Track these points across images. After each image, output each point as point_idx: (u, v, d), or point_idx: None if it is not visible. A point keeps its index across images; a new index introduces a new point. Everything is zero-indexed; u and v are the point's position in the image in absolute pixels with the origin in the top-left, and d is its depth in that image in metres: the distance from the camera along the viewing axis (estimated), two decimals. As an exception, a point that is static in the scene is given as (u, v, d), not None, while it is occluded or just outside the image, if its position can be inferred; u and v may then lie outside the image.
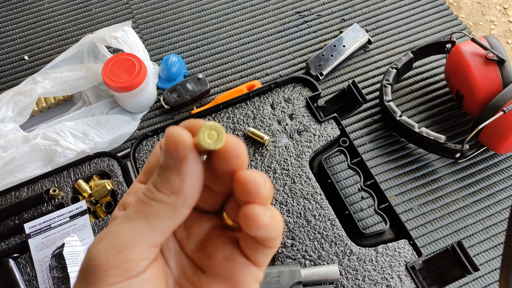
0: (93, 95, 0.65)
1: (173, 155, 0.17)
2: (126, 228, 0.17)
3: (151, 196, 0.17)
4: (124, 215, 0.17)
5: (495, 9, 0.83)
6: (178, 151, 0.17)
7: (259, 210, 0.17)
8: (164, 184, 0.17)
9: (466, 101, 0.60)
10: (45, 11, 0.76)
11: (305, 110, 0.57)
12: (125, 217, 0.17)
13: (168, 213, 0.17)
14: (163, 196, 0.17)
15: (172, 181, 0.17)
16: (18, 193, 0.52)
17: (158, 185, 0.17)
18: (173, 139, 0.17)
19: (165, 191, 0.17)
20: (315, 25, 0.74)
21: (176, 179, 0.17)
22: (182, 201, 0.17)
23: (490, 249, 0.56)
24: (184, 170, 0.17)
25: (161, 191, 0.17)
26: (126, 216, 0.17)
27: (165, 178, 0.17)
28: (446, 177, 0.61)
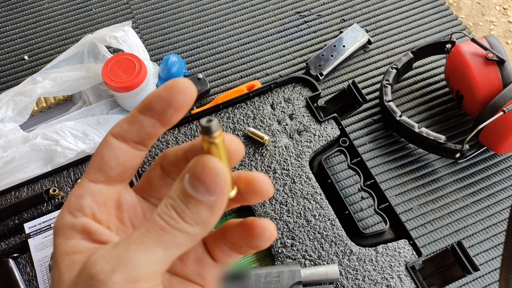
0: (93, 95, 0.65)
1: (211, 189, 0.16)
2: (145, 258, 0.16)
3: (174, 225, 0.16)
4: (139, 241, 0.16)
5: (495, 10, 0.83)
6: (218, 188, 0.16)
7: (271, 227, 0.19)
8: (192, 216, 0.16)
9: (466, 101, 0.60)
10: (45, 11, 0.76)
11: (305, 110, 0.57)
12: (142, 245, 0.16)
13: (187, 243, 0.17)
14: (187, 227, 0.16)
15: (203, 215, 0.16)
16: (18, 193, 0.52)
17: (185, 215, 0.16)
18: (213, 172, 0.16)
19: (191, 222, 0.16)
20: (315, 25, 0.74)
21: (207, 213, 0.16)
22: (204, 232, 0.17)
23: (490, 249, 0.56)
24: (218, 206, 0.17)
25: (187, 221, 0.16)
26: (142, 244, 0.16)
27: (195, 210, 0.16)
28: (446, 177, 0.61)
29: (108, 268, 0.15)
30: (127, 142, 0.19)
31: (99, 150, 0.19)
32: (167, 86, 0.18)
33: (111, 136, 0.19)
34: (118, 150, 0.19)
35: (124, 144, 0.19)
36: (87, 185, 0.19)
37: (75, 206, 0.18)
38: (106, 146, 0.19)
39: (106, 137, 0.19)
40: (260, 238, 0.19)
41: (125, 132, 0.19)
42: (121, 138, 0.19)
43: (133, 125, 0.19)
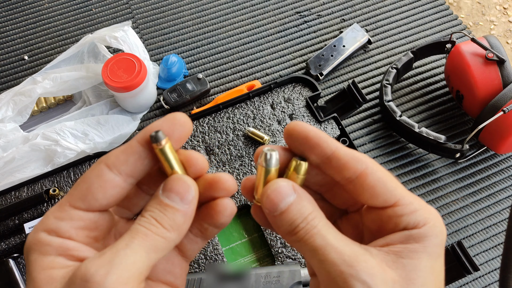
0: (93, 95, 0.65)
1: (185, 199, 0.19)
2: (132, 260, 0.17)
3: (155, 231, 0.19)
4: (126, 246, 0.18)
5: (495, 9, 0.83)
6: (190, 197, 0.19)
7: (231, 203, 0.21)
8: (169, 221, 0.19)
9: (466, 101, 0.60)
10: (45, 11, 0.76)
11: (305, 110, 0.57)
12: (129, 249, 0.18)
13: (165, 248, 0.19)
14: (165, 232, 0.19)
15: (178, 221, 0.19)
16: (18, 193, 0.52)
17: (163, 221, 0.19)
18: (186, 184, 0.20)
19: (169, 227, 0.19)
20: (315, 25, 0.74)
21: (181, 219, 0.19)
22: (177, 239, 0.19)
23: (490, 249, 0.56)
24: (190, 213, 0.20)
25: (165, 227, 0.19)
26: (129, 248, 0.18)
27: (172, 216, 0.19)
28: (446, 177, 0.61)
29: (102, 271, 0.16)
30: (120, 175, 0.19)
31: (89, 178, 0.19)
32: (167, 119, 0.20)
33: (104, 166, 0.19)
34: (108, 183, 0.19)
35: (116, 176, 0.19)
36: (68, 209, 0.19)
37: (52, 227, 0.19)
38: (97, 176, 0.19)
39: (99, 165, 0.19)
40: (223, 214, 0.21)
41: (121, 164, 0.20)
42: (115, 169, 0.19)
43: (130, 157, 0.20)
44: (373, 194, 0.20)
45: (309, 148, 0.21)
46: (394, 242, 0.19)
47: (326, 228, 0.19)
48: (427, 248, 0.19)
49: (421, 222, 0.19)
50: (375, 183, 0.20)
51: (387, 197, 0.20)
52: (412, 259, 0.18)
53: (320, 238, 0.19)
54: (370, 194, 0.20)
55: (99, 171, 0.19)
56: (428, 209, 0.20)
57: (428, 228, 0.19)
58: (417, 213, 0.19)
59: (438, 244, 0.19)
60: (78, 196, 0.19)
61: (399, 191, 0.20)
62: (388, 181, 0.20)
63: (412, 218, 0.19)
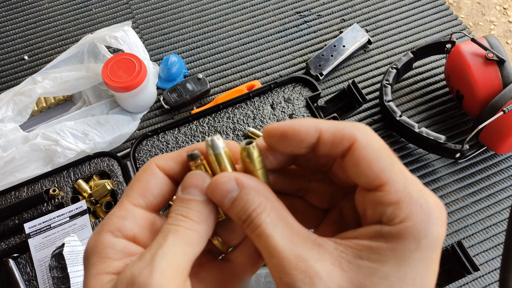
0: (93, 95, 0.65)
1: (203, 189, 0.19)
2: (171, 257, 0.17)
3: (184, 225, 0.19)
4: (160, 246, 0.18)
5: (495, 9, 0.83)
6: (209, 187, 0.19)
7: None
8: (196, 214, 0.19)
9: (466, 101, 0.60)
10: (45, 11, 0.76)
11: (305, 110, 0.57)
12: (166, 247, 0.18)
13: (197, 241, 0.19)
14: (194, 224, 0.19)
15: (203, 211, 0.19)
16: (18, 193, 0.52)
17: (190, 214, 0.19)
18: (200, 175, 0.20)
19: (197, 220, 0.19)
20: (315, 25, 0.74)
21: (206, 210, 0.19)
22: (208, 230, 0.19)
23: (490, 249, 0.56)
24: (212, 203, 0.19)
25: (194, 220, 0.19)
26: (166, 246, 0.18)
27: (196, 208, 0.19)
28: (446, 177, 0.61)
29: (146, 272, 0.16)
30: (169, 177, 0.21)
31: (144, 176, 0.20)
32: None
33: (155, 166, 0.20)
34: (162, 180, 0.20)
35: (165, 177, 0.21)
36: (130, 208, 0.20)
37: (117, 226, 0.19)
38: (152, 174, 0.20)
39: (150, 165, 0.21)
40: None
41: (170, 169, 0.21)
42: (164, 171, 0.21)
43: (179, 166, 0.21)
44: (356, 172, 0.17)
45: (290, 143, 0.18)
46: (362, 236, 0.17)
47: (273, 226, 0.17)
48: (396, 252, 0.15)
49: (399, 218, 0.16)
50: (359, 160, 0.17)
51: (370, 177, 0.17)
52: (372, 262, 0.16)
53: (262, 239, 0.17)
54: (353, 171, 0.17)
55: (152, 169, 0.20)
56: (420, 204, 0.16)
57: (405, 227, 0.16)
58: (400, 205, 0.16)
59: (416, 249, 0.15)
60: (137, 193, 0.20)
61: (388, 172, 0.17)
62: (377, 158, 0.17)
63: (390, 209, 0.16)
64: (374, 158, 0.17)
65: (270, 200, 0.18)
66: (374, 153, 0.17)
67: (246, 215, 0.18)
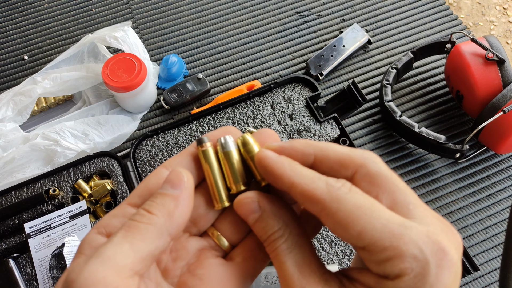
0: (93, 95, 0.65)
1: (175, 184, 0.19)
2: (112, 252, 0.16)
3: (140, 219, 0.18)
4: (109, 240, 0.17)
5: (495, 9, 0.83)
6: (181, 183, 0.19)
7: None
8: (158, 207, 0.18)
9: (466, 101, 0.60)
10: (45, 11, 0.76)
11: (305, 110, 0.57)
12: (110, 242, 0.17)
13: (152, 236, 0.17)
14: (152, 217, 0.18)
15: (167, 205, 0.18)
16: (18, 193, 0.52)
17: (152, 207, 0.18)
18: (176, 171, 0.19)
19: (157, 213, 0.18)
20: (315, 25, 0.74)
21: (171, 204, 0.18)
22: (169, 225, 0.18)
23: (490, 249, 0.56)
24: (182, 198, 0.18)
25: (153, 212, 0.18)
26: (110, 242, 0.17)
27: (161, 201, 0.18)
28: (446, 177, 0.61)
29: (78, 269, 0.16)
30: None
31: (147, 178, 0.21)
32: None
33: (162, 166, 0.21)
34: (163, 179, 0.20)
35: None
36: (124, 207, 0.20)
37: (103, 223, 0.19)
38: (154, 174, 0.21)
39: (158, 167, 0.21)
40: None
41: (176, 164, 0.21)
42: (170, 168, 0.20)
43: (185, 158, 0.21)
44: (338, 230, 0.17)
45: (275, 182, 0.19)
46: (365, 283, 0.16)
47: (287, 253, 0.18)
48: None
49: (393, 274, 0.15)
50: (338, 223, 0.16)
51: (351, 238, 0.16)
52: None
53: (276, 263, 0.18)
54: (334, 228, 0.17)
55: (156, 170, 0.21)
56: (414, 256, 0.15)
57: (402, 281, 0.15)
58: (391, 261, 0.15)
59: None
60: (136, 194, 0.20)
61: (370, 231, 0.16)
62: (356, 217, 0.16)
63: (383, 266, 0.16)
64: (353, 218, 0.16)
65: (289, 225, 0.19)
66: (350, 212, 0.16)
67: (266, 236, 0.19)
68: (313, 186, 0.17)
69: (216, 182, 0.21)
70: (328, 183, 0.17)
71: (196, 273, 0.20)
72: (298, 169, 0.18)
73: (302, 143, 0.19)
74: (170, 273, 0.20)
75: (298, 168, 0.18)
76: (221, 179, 0.21)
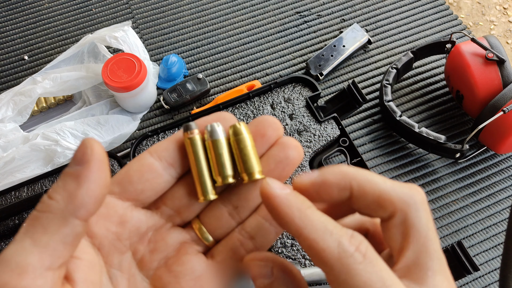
0: (93, 95, 0.65)
1: (78, 159, 0.15)
2: (11, 253, 0.14)
3: (40, 208, 0.15)
4: (13, 239, 0.15)
5: (495, 9, 0.83)
6: (84, 157, 0.15)
7: None
8: (58, 189, 0.15)
9: (466, 101, 0.60)
10: (45, 11, 0.76)
11: (305, 110, 0.57)
12: (12, 242, 0.15)
13: (55, 225, 0.15)
14: (52, 204, 0.15)
15: (68, 186, 0.15)
16: (18, 193, 0.52)
17: (53, 192, 0.15)
18: (82, 144, 0.16)
19: (57, 197, 0.15)
20: (315, 25, 0.74)
21: (72, 184, 0.15)
22: (72, 208, 0.15)
23: (490, 249, 0.56)
24: (84, 175, 0.15)
25: (53, 197, 0.15)
26: (13, 241, 0.15)
27: (62, 182, 0.15)
28: (446, 177, 0.61)
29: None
30: (160, 161, 0.19)
31: (128, 164, 0.19)
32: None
33: (147, 152, 0.19)
34: (145, 167, 0.18)
35: (156, 161, 0.19)
36: None
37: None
38: (137, 160, 0.19)
39: (142, 153, 0.19)
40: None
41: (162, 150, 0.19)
42: (155, 154, 0.19)
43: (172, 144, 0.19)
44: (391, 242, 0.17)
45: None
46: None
47: None
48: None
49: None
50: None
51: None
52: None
53: None
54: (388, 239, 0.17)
55: (139, 156, 0.19)
56: None
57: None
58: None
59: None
60: (114, 180, 0.18)
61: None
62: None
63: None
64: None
65: None
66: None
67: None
68: (323, 245, 0.15)
69: (201, 173, 0.19)
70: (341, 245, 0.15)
71: (173, 270, 0.19)
72: (309, 216, 0.16)
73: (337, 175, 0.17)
74: (146, 265, 0.19)
75: (309, 216, 0.16)
76: (207, 170, 0.20)
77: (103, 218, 0.18)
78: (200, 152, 0.19)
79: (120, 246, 0.19)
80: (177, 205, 0.20)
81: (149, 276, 0.19)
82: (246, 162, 0.19)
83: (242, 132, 0.19)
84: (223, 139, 0.19)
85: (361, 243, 0.16)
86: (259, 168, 0.20)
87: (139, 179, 0.18)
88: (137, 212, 0.19)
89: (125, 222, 0.19)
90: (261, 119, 0.20)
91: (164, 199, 0.20)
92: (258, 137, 0.20)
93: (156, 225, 0.20)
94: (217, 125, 0.19)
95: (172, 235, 0.20)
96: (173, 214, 0.20)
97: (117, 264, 0.18)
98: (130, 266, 0.19)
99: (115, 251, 0.19)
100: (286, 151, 0.20)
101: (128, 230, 0.19)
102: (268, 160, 0.20)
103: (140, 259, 0.19)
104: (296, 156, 0.20)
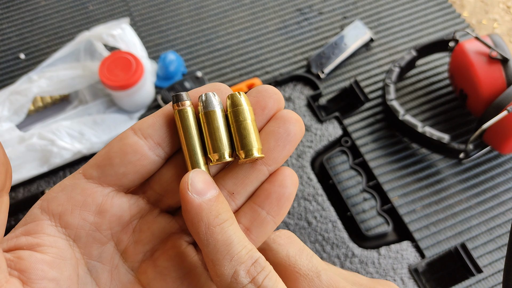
0: (90, 94, 0.64)
1: None
2: None
3: None
4: None
5: (499, 8, 0.82)
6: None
7: None
8: None
9: (470, 100, 0.59)
10: (41, 9, 0.74)
11: (306, 109, 0.56)
12: None
13: None
14: None
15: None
16: (14, 194, 0.51)
17: None
18: None
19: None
20: (316, 22, 0.73)
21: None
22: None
23: (494, 251, 0.55)
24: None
25: None
26: None
27: None
28: (450, 177, 0.60)
29: None
30: (145, 139, 0.17)
31: (109, 144, 0.17)
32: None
33: (130, 129, 0.17)
34: (128, 147, 0.16)
35: (140, 140, 0.16)
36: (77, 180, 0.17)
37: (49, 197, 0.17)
38: (119, 140, 0.17)
39: (126, 130, 0.17)
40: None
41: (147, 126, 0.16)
42: (140, 132, 0.16)
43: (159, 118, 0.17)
44: None
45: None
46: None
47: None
48: None
49: None
50: None
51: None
52: None
53: None
54: None
55: (121, 134, 0.17)
56: None
57: None
58: None
59: None
60: (93, 162, 0.17)
61: None
62: None
63: None
64: None
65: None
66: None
67: None
68: (218, 270, 0.15)
69: (193, 150, 0.17)
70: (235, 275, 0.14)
71: (159, 265, 0.17)
72: (214, 235, 0.15)
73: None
74: (131, 256, 0.18)
75: (215, 234, 0.15)
76: (200, 146, 0.17)
77: (79, 207, 0.17)
78: (192, 126, 0.17)
79: (100, 237, 0.17)
80: (166, 189, 0.18)
81: (134, 268, 0.18)
82: (246, 137, 0.16)
83: (241, 102, 0.17)
84: (220, 111, 0.17)
85: (260, 273, 0.15)
86: (258, 145, 0.17)
87: (121, 161, 0.16)
88: (119, 198, 0.17)
89: (105, 211, 0.17)
90: (260, 88, 0.18)
91: (151, 182, 0.18)
92: (259, 110, 0.17)
93: (142, 212, 0.18)
94: (213, 94, 0.17)
95: (160, 223, 0.18)
96: (161, 199, 0.18)
97: (96, 256, 0.17)
98: (112, 257, 0.17)
99: (94, 242, 0.17)
100: (287, 126, 0.17)
101: (108, 220, 0.17)
102: (267, 137, 0.17)
103: (124, 250, 0.18)
104: (297, 132, 0.17)
